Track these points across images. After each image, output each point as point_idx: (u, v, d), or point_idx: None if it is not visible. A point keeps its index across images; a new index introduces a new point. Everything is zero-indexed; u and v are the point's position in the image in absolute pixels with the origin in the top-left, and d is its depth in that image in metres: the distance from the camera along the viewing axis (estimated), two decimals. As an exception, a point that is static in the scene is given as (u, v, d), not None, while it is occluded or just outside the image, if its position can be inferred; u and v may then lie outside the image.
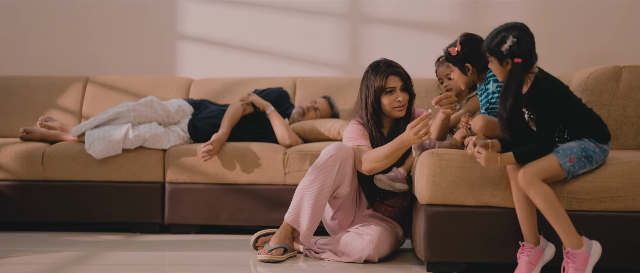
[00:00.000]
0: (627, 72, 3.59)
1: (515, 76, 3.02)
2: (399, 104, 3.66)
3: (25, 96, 5.23)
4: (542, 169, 3.02)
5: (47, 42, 5.60)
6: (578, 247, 3.00)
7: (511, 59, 3.04)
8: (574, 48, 5.20)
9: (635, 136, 3.57)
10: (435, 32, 5.35)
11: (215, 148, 4.31)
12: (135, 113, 4.46)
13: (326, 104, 4.80)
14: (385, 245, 3.57)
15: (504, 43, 3.04)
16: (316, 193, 3.52)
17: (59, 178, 4.44)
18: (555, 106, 3.03)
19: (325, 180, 3.52)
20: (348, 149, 3.57)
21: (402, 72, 3.71)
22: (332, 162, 3.53)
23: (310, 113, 4.74)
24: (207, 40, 5.54)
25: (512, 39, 3.03)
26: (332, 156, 3.53)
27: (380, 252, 3.54)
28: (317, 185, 3.52)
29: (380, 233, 3.55)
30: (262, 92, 4.74)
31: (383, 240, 3.55)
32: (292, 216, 3.58)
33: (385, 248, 3.57)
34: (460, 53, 3.42)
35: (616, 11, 5.24)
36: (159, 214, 4.44)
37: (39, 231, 4.46)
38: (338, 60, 5.44)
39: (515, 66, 3.03)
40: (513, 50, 3.03)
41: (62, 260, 3.56)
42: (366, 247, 3.51)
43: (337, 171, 3.53)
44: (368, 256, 3.51)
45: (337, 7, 5.43)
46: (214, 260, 3.62)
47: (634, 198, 3.16)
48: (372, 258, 3.52)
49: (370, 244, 3.51)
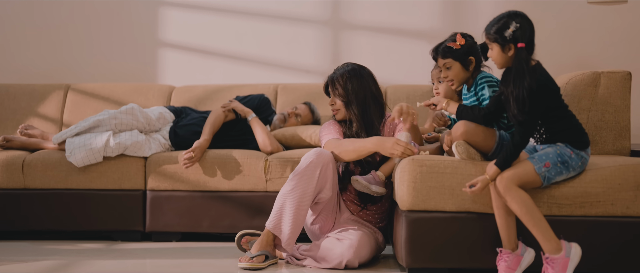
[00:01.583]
0: (605, 78, 3.62)
1: (524, 59, 3.03)
2: (332, 107, 3.82)
3: (5, 103, 5.19)
4: (518, 175, 3.04)
5: (27, 50, 5.58)
6: (557, 252, 3.02)
7: (514, 45, 3.05)
8: (555, 55, 5.23)
9: (614, 141, 3.60)
10: (416, 38, 5.36)
11: (196, 155, 4.30)
12: (116, 121, 4.44)
13: (307, 110, 4.80)
14: (365, 250, 3.57)
15: (508, 28, 3.05)
16: (297, 200, 3.53)
17: (39, 186, 4.42)
18: (544, 100, 3.04)
19: (307, 186, 3.53)
20: (328, 154, 3.59)
21: (334, 79, 3.79)
22: (312, 168, 3.54)
23: (291, 119, 4.74)
24: (188, 47, 5.54)
25: (515, 24, 3.04)
26: (312, 161, 3.54)
27: (360, 257, 3.54)
28: (298, 191, 3.53)
29: (360, 238, 3.56)
30: (244, 99, 4.73)
31: (363, 244, 3.56)
32: (273, 223, 3.58)
33: (365, 253, 3.57)
34: (464, 46, 3.38)
35: (596, 18, 5.27)
36: (140, 222, 4.42)
37: (20, 240, 4.43)
38: (319, 67, 5.44)
39: (519, 51, 3.04)
40: (517, 35, 3.04)
41: (43, 269, 3.54)
42: (345, 251, 3.51)
43: (317, 177, 3.54)
44: (348, 261, 3.51)
45: (319, 14, 5.44)
46: (196, 267, 3.61)
47: (613, 203, 3.19)
48: (352, 263, 3.52)
49: (350, 249, 3.51)
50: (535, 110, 3.02)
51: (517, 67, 3.03)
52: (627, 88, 3.62)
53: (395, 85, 5.11)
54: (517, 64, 3.04)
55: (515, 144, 3.03)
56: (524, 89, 3.00)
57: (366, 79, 3.77)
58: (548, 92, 3.06)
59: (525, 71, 3.02)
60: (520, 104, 3.01)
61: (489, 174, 3.07)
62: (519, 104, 3.01)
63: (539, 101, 3.02)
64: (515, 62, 3.05)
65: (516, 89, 3.02)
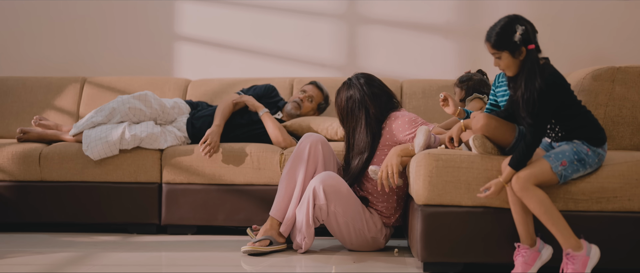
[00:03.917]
0: (623, 73, 3.59)
1: (536, 59, 3.02)
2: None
3: (22, 96, 5.22)
4: (535, 175, 3.02)
5: (44, 43, 5.60)
6: (578, 249, 3.00)
7: (525, 47, 3.03)
8: (572, 49, 5.20)
9: (631, 136, 3.58)
10: (433, 33, 5.35)
11: (212, 139, 4.32)
12: (129, 105, 4.45)
13: (316, 90, 4.82)
14: (334, 180, 3.59)
15: (515, 33, 3.02)
16: (291, 182, 3.71)
17: (56, 178, 4.44)
18: (554, 99, 3.02)
19: (297, 167, 3.71)
20: (316, 135, 3.76)
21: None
22: (301, 149, 3.74)
23: (305, 103, 4.75)
24: (204, 41, 5.54)
25: (520, 27, 3.02)
26: (301, 143, 3.75)
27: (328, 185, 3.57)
28: (291, 173, 3.72)
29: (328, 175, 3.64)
30: (249, 90, 4.75)
31: (333, 176, 3.60)
32: (273, 209, 3.76)
33: (334, 182, 3.58)
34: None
35: (614, 13, 5.24)
36: (156, 215, 4.44)
37: (36, 232, 4.46)
38: (335, 61, 5.44)
39: (530, 52, 3.02)
40: (525, 38, 3.02)
41: (59, 261, 3.56)
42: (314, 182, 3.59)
43: (307, 157, 3.69)
44: (314, 188, 3.57)
45: (335, 8, 5.44)
46: (211, 260, 3.62)
47: (630, 199, 3.17)
48: (318, 193, 3.56)
49: (316, 180, 3.59)
50: (545, 110, 3.00)
51: (530, 68, 3.01)
52: (645, 83, 3.60)
53: (411, 79, 5.10)
54: (529, 66, 3.01)
55: (527, 144, 3.01)
56: (535, 91, 2.98)
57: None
58: (558, 89, 3.03)
59: (536, 71, 3.00)
60: (530, 106, 2.99)
61: (503, 176, 3.05)
62: (529, 106, 2.99)
63: (550, 100, 2.99)
64: (527, 64, 3.02)
65: (527, 92, 3.00)
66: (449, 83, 4.90)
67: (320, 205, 3.58)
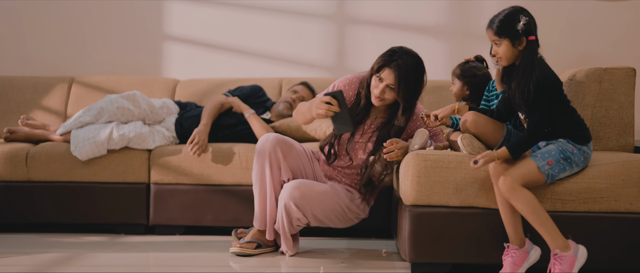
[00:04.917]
0: (609, 74, 3.61)
1: (535, 52, 3.05)
2: (377, 95, 3.51)
3: (10, 96, 5.20)
4: (522, 175, 3.03)
5: (31, 42, 5.58)
6: (566, 250, 3.01)
7: (526, 37, 3.06)
8: (560, 50, 5.23)
9: (618, 137, 3.60)
10: (423, 33, 5.36)
11: (200, 139, 4.32)
12: (117, 105, 4.44)
13: (307, 90, 4.83)
14: (302, 188, 3.54)
15: (518, 22, 3.05)
16: (262, 187, 3.65)
17: (43, 178, 4.42)
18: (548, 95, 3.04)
19: (262, 167, 3.63)
20: (270, 140, 3.62)
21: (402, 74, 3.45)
22: (259, 149, 3.65)
23: (297, 103, 4.76)
24: (193, 41, 5.54)
25: (524, 17, 3.05)
26: (258, 153, 3.65)
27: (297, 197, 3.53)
28: (257, 182, 3.66)
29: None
30: (235, 90, 4.75)
31: (298, 185, 3.55)
32: (255, 220, 3.74)
33: (302, 190, 3.54)
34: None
35: (600, 15, 5.27)
36: (143, 215, 4.43)
37: (23, 232, 4.44)
38: (324, 61, 5.44)
39: (531, 44, 3.05)
40: (527, 28, 3.05)
41: (46, 262, 3.55)
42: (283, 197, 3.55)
43: (269, 163, 3.61)
44: (285, 205, 3.54)
45: (324, 9, 5.44)
46: (199, 261, 3.62)
47: (617, 199, 3.18)
48: (290, 208, 3.53)
49: (284, 194, 3.55)
50: (541, 104, 3.03)
51: (528, 59, 3.05)
52: (631, 84, 3.61)
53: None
54: (528, 57, 3.05)
55: (530, 132, 3.03)
56: (532, 81, 3.01)
57: None
58: (551, 86, 3.06)
59: (535, 63, 3.03)
60: (525, 95, 3.02)
61: (497, 152, 3.04)
62: (525, 95, 3.02)
63: (544, 95, 3.03)
64: (526, 55, 3.06)
65: (523, 82, 3.03)
66: (439, 84, 4.90)
67: (298, 217, 3.57)
